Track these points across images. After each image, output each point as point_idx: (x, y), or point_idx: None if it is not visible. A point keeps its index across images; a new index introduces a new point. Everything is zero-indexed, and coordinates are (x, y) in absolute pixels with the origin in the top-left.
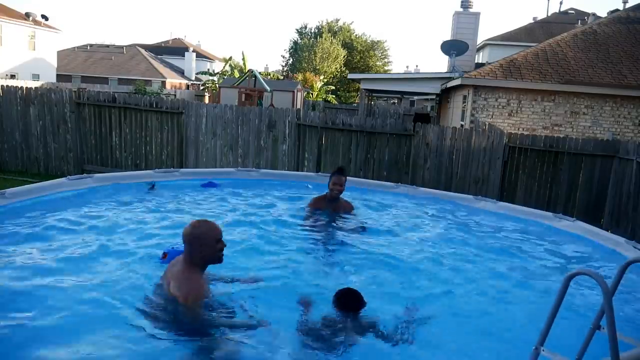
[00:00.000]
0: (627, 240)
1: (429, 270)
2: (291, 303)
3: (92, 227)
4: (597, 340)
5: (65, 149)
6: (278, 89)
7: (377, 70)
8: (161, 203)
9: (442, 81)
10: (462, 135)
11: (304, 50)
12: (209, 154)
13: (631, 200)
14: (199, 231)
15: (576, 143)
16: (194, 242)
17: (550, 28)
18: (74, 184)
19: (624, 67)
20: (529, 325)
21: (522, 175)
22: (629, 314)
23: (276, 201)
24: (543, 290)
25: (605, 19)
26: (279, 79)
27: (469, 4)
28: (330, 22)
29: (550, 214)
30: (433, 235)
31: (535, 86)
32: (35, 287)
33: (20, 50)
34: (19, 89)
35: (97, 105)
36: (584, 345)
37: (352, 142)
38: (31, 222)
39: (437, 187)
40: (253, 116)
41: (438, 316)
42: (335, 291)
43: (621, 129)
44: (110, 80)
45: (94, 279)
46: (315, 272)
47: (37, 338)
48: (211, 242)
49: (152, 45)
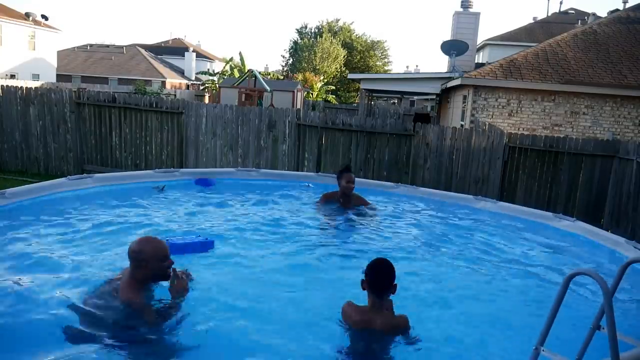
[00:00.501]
0: (627, 240)
1: (427, 270)
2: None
3: (92, 227)
4: (597, 340)
5: (65, 149)
6: (278, 89)
7: (377, 70)
8: (165, 203)
9: (442, 81)
10: (462, 135)
11: (304, 50)
12: (209, 154)
13: (631, 200)
14: (143, 249)
15: (576, 143)
16: (139, 260)
17: (550, 28)
18: (74, 184)
19: (624, 67)
20: (528, 325)
21: (522, 175)
22: (629, 314)
23: (281, 200)
24: (543, 289)
25: (605, 19)
26: (279, 79)
27: (469, 4)
28: (330, 22)
29: (550, 214)
30: (431, 235)
31: (535, 86)
32: (34, 286)
33: (20, 50)
34: (19, 89)
35: (97, 105)
36: (584, 345)
37: (352, 142)
38: (31, 222)
39: (437, 187)
40: (253, 116)
41: (437, 316)
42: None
43: (621, 129)
44: (110, 80)
45: (91, 278)
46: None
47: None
48: (155, 260)
49: (152, 45)
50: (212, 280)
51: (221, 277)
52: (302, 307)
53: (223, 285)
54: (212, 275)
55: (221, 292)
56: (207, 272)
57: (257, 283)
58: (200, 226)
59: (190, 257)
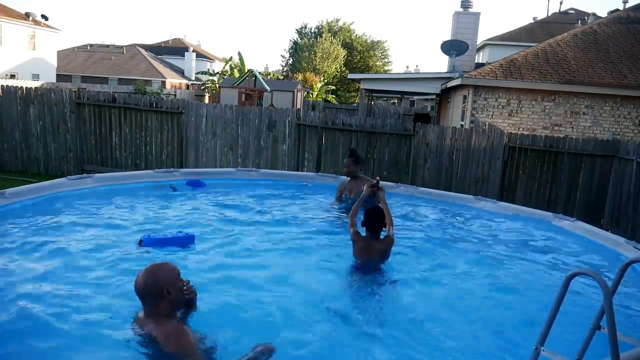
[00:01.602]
0: (627, 240)
1: (427, 270)
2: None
3: (91, 227)
4: (597, 340)
5: (65, 149)
6: (278, 89)
7: (377, 70)
8: (165, 204)
9: (442, 81)
10: (462, 135)
11: (304, 50)
12: (209, 154)
13: (631, 200)
14: (157, 279)
15: (576, 143)
16: (157, 293)
17: (550, 28)
18: (74, 184)
19: (624, 67)
20: (529, 325)
21: (522, 175)
22: (630, 313)
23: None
24: (543, 290)
25: (605, 19)
26: (279, 79)
27: (469, 4)
28: (330, 22)
29: (550, 214)
30: (430, 235)
31: (535, 86)
32: (33, 286)
33: (20, 50)
34: (19, 89)
35: (97, 105)
36: (584, 346)
37: (352, 142)
38: (31, 222)
39: (437, 187)
40: (253, 116)
41: (436, 316)
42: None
43: (621, 129)
44: (110, 80)
45: (88, 282)
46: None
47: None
48: (174, 285)
49: (152, 45)
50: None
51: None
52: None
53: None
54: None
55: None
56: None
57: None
58: (184, 223)
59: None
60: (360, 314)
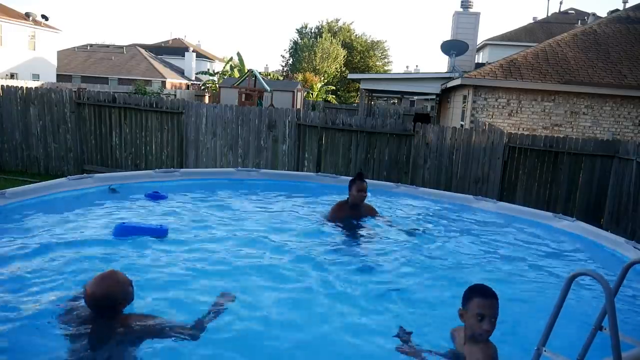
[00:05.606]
0: (627, 240)
1: (428, 270)
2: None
3: (92, 227)
4: (598, 341)
5: (65, 149)
6: (278, 89)
7: (377, 70)
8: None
9: (442, 81)
10: (462, 135)
11: (304, 50)
12: (209, 154)
13: (631, 200)
14: (114, 289)
15: (576, 143)
16: (115, 303)
17: (550, 28)
18: (74, 184)
19: (624, 67)
20: (529, 326)
21: (522, 175)
22: (630, 313)
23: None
24: (544, 290)
25: (605, 19)
26: (279, 79)
27: (469, 4)
28: (330, 22)
29: (550, 214)
30: (430, 234)
31: (535, 86)
32: (33, 286)
33: (20, 50)
34: (19, 89)
35: (97, 105)
36: (586, 346)
37: (352, 142)
38: (31, 221)
39: (437, 187)
40: (253, 116)
41: (435, 316)
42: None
43: (621, 129)
44: (110, 80)
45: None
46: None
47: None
48: (128, 292)
49: (152, 45)
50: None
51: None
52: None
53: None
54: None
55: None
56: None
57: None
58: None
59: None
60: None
